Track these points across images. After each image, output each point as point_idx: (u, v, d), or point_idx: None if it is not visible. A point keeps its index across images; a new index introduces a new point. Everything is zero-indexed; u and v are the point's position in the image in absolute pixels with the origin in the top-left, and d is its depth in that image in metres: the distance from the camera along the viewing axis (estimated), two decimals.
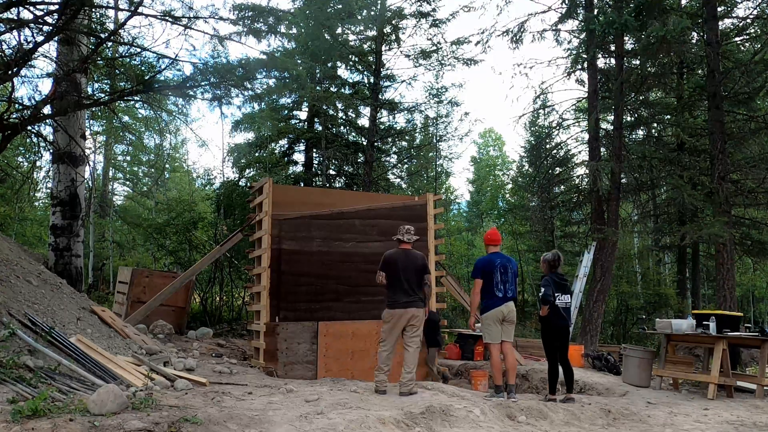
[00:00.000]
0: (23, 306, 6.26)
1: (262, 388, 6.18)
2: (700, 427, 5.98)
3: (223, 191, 17.40)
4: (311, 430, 4.24)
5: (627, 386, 8.60)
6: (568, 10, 13.77)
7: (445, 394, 6.45)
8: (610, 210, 12.99)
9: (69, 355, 5.57)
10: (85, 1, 6.89)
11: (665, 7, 11.63)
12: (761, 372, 7.59)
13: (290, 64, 9.52)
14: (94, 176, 20.93)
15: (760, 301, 28.46)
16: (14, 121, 7.07)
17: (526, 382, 10.30)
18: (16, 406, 3.86)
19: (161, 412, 4.20)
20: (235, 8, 9.68)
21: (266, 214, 9.48)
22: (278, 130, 17.84)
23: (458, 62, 18.12)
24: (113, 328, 7.58)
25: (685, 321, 8.56)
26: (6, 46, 7.24)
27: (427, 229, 10.61)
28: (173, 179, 31.61)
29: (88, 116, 15.84)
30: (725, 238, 10.76)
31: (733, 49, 13.86)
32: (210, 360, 8.67)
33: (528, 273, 25.62)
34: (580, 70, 15.28)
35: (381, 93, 18.61)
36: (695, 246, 16.44)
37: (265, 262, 9.36)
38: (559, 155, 17.40)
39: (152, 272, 12.48)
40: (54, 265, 9.98)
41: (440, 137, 22.51)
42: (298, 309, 9.36)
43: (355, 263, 9.95)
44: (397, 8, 17.86)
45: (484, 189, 35.22)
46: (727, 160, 11.66)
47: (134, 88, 7.91)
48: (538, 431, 5.44)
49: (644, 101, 15.19)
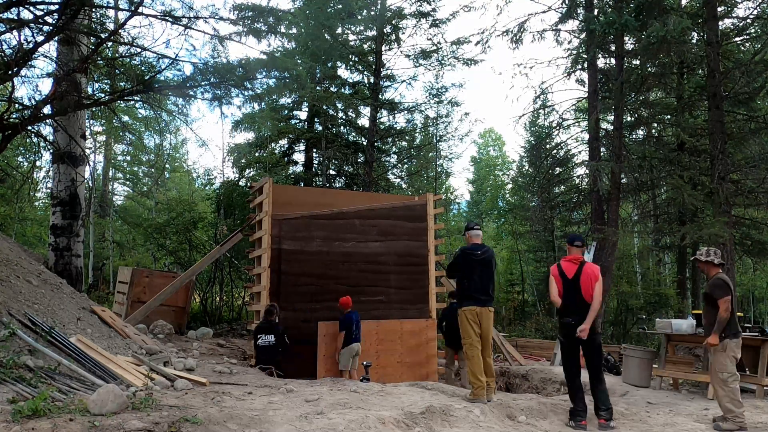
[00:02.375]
0: (23, 306, 6.26)
1: (262, 388, 6.17)
2: (700, 427, 5.99)
3: (223, 191, 17.42)
4: (311, 430, 4.23)
5: (627, 386, 8.61)
6: (568, 10, 13.78)
7: (445, 394, 6.45)
8: (610, 210, 12.99)
9: (69, 355, 5.57)
10: (85, 1, 6.88)
11: (665, 7, 11.63)
12: (761, 372, 7.60)
13: (290, 64, 9.51)
14: (94, 176, 20.94)
15: (760, 301, 28.45)
16: (14, 121, 7.07)
17: (526, 382, 10.31)
18: (16, 406, 3.86)
19: (161, 412, 4.19)
20: (235, 8, 9.68)
21: (266, 214, 9.48)
22: (278, 130, 17.85)
23: (458, 62, 18.16)
24: (113, 328, 7.58)
25: (685, 321, 8.56)
26: (6, 46, 7.24)
27: (427, 229, 10.63)
28: (173, 179, 31.62)
29: (88, 116, 15.85)
30: (725, 238, 10.75)
31: (733, 49, 13.86)
32: (210, 360, 8.67)
33: (528, 273, 25.63)
34: (580, 70, 15.29)
35: (381, 93, 18.62)
36: (695, 246, 16.41)
37: (265, 262, 9.36)
38: (559, 155, 17.40)
39: (152, 272, 12.49)
40: (54, 265, 9.98)
41: (440, 137, 22.53)
42: (298, 309, 9.36)
43: (355, 263, 9.96)
44: (397, 8, 17.88)
45: (484, 189, 35.24)
46: (727, 160, 11.65)
47: (134, 88, 7.90)
48: (538, 431, 5.44)
49: (644, 101, 15.19)
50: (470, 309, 6.38)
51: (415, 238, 10.47)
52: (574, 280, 5.88)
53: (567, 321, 5.87)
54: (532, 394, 8.41)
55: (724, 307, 5.97)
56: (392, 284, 10.12)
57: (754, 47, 13.24)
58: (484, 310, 6.38)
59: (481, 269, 6.43)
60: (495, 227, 31.91)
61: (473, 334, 6.35)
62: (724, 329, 6.02)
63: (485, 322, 6.39)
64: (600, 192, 12.63)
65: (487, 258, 6.50)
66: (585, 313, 5.80)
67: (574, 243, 6.09)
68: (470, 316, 6.37)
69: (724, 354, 6.01)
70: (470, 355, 6.37)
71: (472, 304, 6.39)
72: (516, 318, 22.10)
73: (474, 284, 6.40)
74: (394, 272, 10.17)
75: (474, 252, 6.54)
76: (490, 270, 6.49)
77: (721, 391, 6.00)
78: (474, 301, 6.39)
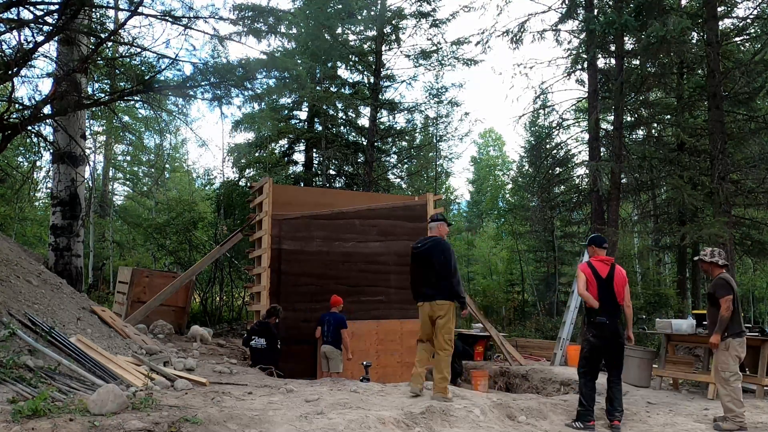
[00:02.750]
0: (23, 306, 6.26)
1: (262, 388, 6.17)
2: (700, 427, 5.99)
3: (223, 191, 17.42)
4: (311, 430, 4.23)
5: (627, 386, 8.58)
6: (568, 10, 13.78)
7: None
8: (610, 210, 13.00)
9: (69, 355, 5.57)
10: (85, 1, 6.88)
11: (665, 7, 11.64)
12: (761, 372, 7.59)
13: (290, 64, 9.52)
14: (94, 176, 20.95)
15: (760, 301, 28.44)
16: (14, 121, 7.07)
17: (526, 382, 10.30)
18: (16, 406, 3.85)
19: (161, 412, 4.19)
20: (235, 8, 9.69)
21: (266, 214, 9.48)
22: (278, 130, 17.86)
23: (458, 62, 18.18)
24: (113, 328, 7.58)
25: (685, 321, 8.56)
26: (6, 46, 7.24)
27: (427, 230, 10.62)
28: (173, 179, 31.62)
29: (88, 116, 15.86)
30: (725, 238, 10.75)
31: (733, 49, 13.86)
32: (210, 360, 8.67)
33: (528, 273, 25.63)
34: (580, 70, 15.30)
35: (381, 93, 18.62)
36: (695, 246, 16.42)
37: (265, 262, 9.36)
38: (559, 155, 17.41)
39: (152, 272, 12.48)
40: (54, 265, 9.98)
41: (440, 137, 22.53)
42: (298, 309, 9.37)
43: (355, 263, 9.96)
44: (397, 8, 17.89)
45: (484, 189, 35.25)
46: (727, 160, 11.66)
47: (134, 88, 7.90)
48: (538, 431, 5.44)
49: (644, 101, 15.20)
50: (419, 305, 6.18)
51: (415, 238, 10.38)
52: (608, 280, 5.89)
53: (601, 321, 5.84)
54: (532, 394, 8.40)
55: (725, 306, 5.99)
56: (392, 284, 10.12)
57: (754, 47, 13.25)
58: (433, 305, 6.01)
59: (422, 262, 6.17)
60: (495, 227, 31.90)
61: (421, 329, 6.17)
62: (726, 328, 6.03)
63: (435, 317, 6.00)
64: (600, 192, 12.63)
65: (425, 250, 6.19)
66: (615, 314, 5.87)
67: (603, 245, 6.19)
68: (420, 312, 6.17)
69: (726, 353, 6.03)
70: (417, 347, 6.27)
71: (418, 300, 6.19)
72: (516, 318, 22.08)
73: (416, 279, 6.22)
74: (394, 272, 10.17)
75: (416, 245, 6.35)
76: (431, 261, 6.10)
77: (723, 390, 6.01)
78: (418, 297, 6.17)
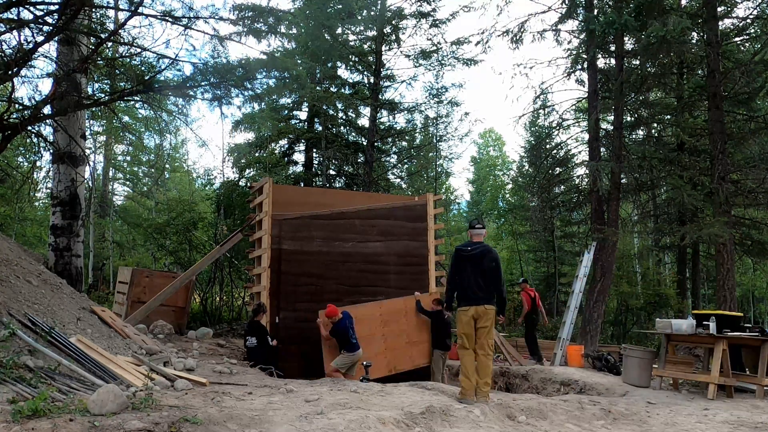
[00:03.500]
0: (23, 306, 6.26)
1: (262, 388, 6.17)
2: (700, 427, 5.98)
3: (223, 191, 17.42)
4: (311, 430, 4.23)
5: (627, 386, 8.60)
6: (568, 11, 13.77)
7: (445, 394, 6.44)
8: (610, 210, 12.99)
9: (69, 355, 5.57)
10: (85, 1, 6.88)
11: (665, 7, 11.62)
12: (761, 372, 7.59)
13: (290, 64, 9.52)
14: (94, 176, 20.95)
15: (760, 301, 28.45)
16: (14, 121, 7.07)
17: (526, 382, 10.31)
18: (16, 406, 3.85)
19: (161, 412, 4.19)
20: (235, 8, 9.68)
21: (266, 214, 9.48)
22: (278, 130, 17.86)
23: (458, 62, 18.18)
24: (113, 328, 7.58)
25: (685, 321, 8.55)
26: (6, 46, 7.25)
27: (427, 229, 10.62)
28: (173, 179, 31.63)
29: (88, 116, 15.87)
30: (725, 238, 10.75)
31: (733, 49, 13.85)
32: (210, 360, 8.67)
33: (528, 273, 25.64)
34: (580, 70, 15.28)
35: (381, 93, 18.63)
36: (695, 246, 16.44)
37: (265, 262, 9.36)
38: (559, 155, 17.40)
39: (152, 272, 12.48)
40: (54, 265, 9.98)
41: (440, 137, 22.53)
42: (298, 309, 9.36)
43: (355, 263, 9.96)
44: (397, 8, 17.89)
45: (484, 189, 35.26)
46: (727, 160, 11.66)
47: (134, 88, 7.91)
48: (538, 431, 5.43)
49: (644, 101, 15.19)
50: (463, 309, 6.26)
51: (415, 238, 10.47)
52: None
53: None
54: (532, 394, 8.40)
55: None
56: (392, 284, 10.11)
57: (754, 47, 13.25)
58: (479, 309, 6.19)
59: (472, 266, 6.20)
60: (495, 227, 31.93)
61: (463, 335, 6.26)
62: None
63: (481, 321, 6.18)
64: (600, 192, 12.63)
65: (477, 254, 6.22)
66: None
67: None
68: (463, 316, 6.25)
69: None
70: (460, 355, 6.34)
71: (463, 304, 6.25)
72: (516, 318, 22.07)
73: (463, 282, 6.23)
74: (394, 272, 10.16)
75: (464, 248, 6.36)
76: (482, 266, 6.18)
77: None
78: (465, 300, 6.22)
